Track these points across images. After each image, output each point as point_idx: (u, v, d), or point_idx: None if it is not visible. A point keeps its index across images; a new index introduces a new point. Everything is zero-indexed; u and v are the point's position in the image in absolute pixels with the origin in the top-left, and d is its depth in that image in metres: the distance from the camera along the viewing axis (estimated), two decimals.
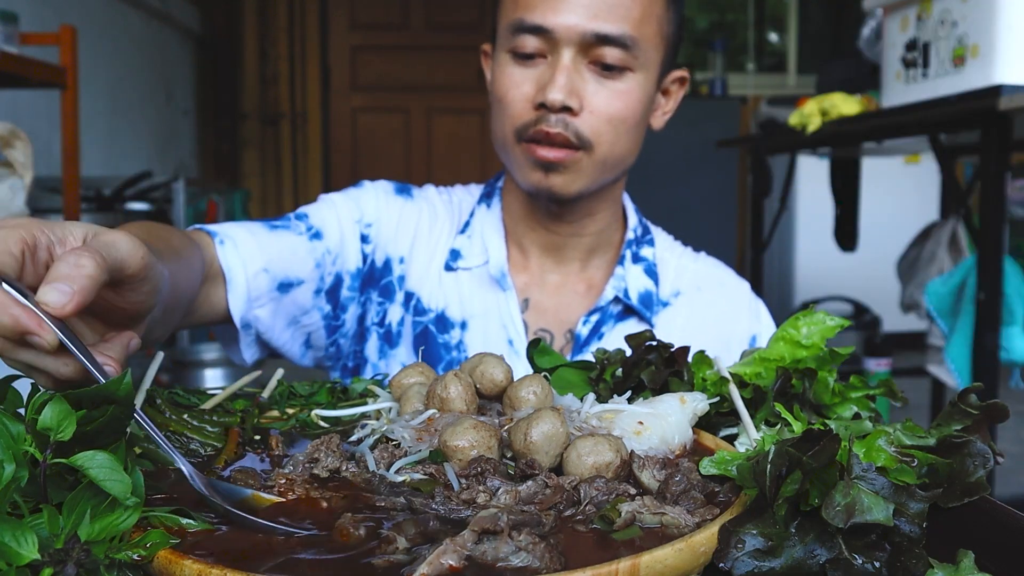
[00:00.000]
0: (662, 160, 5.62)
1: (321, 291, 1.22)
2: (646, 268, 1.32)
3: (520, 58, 1.17)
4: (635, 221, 1.36)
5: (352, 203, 1.28)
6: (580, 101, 1.15)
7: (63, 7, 3.66)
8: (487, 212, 1.32)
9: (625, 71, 1.17)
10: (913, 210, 5.07)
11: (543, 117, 1.15)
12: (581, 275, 1.31)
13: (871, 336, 4.11)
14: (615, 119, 1.17)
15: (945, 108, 2.14)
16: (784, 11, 6.75)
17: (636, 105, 1.18)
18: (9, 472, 0.51)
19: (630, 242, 1.33)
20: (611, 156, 1.19)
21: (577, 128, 1.15)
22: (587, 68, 1.16)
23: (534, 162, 1.17)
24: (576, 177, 1.18)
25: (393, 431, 0.71)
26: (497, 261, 1.27)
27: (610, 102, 1.16)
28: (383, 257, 1.29)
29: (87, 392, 0.55)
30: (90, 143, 3.66)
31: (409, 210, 1.32)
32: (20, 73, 2.30)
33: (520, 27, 1.15)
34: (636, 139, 1.23)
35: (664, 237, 1.40)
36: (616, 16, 1.14)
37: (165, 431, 0.74)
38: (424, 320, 1.27)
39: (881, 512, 0.51)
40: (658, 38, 1.20)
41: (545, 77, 1.15)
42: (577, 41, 1.14)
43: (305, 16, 6.09)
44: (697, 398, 0.76)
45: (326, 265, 1.22)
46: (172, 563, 0.51)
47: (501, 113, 1.20)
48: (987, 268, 2.17)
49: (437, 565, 0.49)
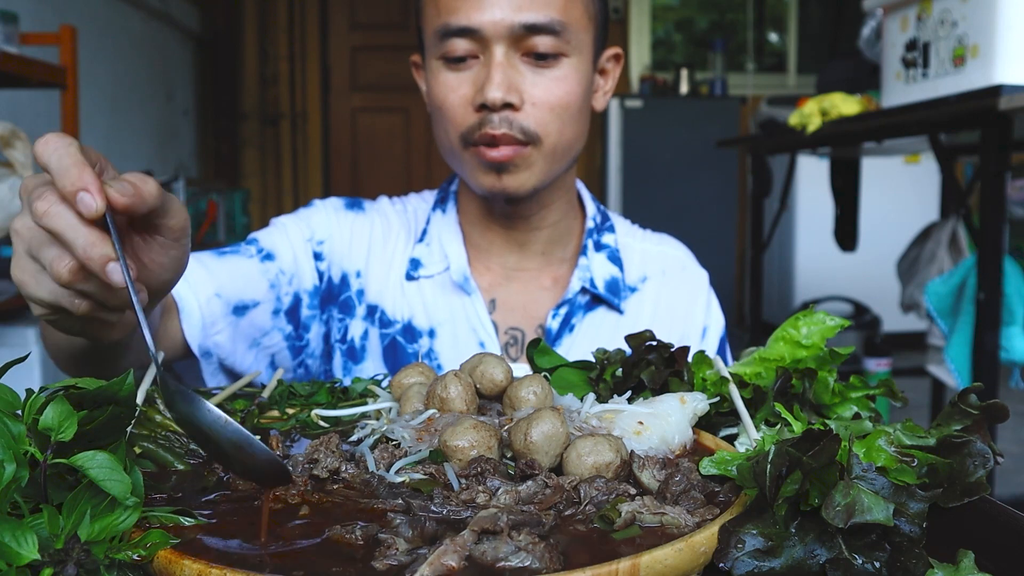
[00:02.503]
0: (662, 160, 5.62)
1: (280, 311, 1.21)
2: (609, 255, 1.31)
3: (452, 63, 1.16)
4: (593, 209, 1.35)
5: (302, 223, 1.27)
6: (520, 95, 1.14)
7: (63, 7, 3.66)
8: (443, 218, 1.31)
9: (559, 57, 1.15)
10: (913, 210, 5.08)
11: (486, 119, 1.13)
12: (545, 269, 1.31)
13: (871, 336, 4.11)
14: (558, 107, 1.16)
15: (945, 108, 2.14)
16: (784, 11, 6.75)
17: (576, 89, 1.17)
18: (9, 472, 0.51)
19: (591, 231, 1.32)
20: (560, 145, 1.18)
21: (522, 123, 1.14)
22: (521, 61, 1.15)
23: (485, 165, 1.16)
24: (529, 174, 1.17)
25: (393, 431, 0.71)
26: (458, 266, 1.26)
27: (550, 91, 1.15)
28: (339, 273, 1.28)
29: (88, 392, 0.55)
30: (90, 143, 3.66)
31: (361, 223, 1.30)
32: (20, 73, 2.30)
33: (447, 31, 1.14)
34: (582, 124, 1.22)
35: (623, 222, 1.39)
36: (541, 3, 1.13)
37: (165, 431, 0.74)
38: (391, 332, 1.26)
39: (881, 512, 0.51)
40: (586, 19, 1.19)
41: (481, 77, 1.14)
42: (506, 35, 1.12)
43: (305, 16, 6.09)
44: (697, 398, 0.76)
45: (281, 285, 1.21)
46: (172, 563, 0.51)
47: (443, 120, 1.18)
48: (987, 268, 2.17)
49: (438, 566, 0.49)
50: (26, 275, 0.70)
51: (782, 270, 5.90)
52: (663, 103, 5.75)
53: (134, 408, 0.58)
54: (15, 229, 0.70)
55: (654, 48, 6.62)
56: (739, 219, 5.93)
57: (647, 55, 6.49)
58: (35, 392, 0.55)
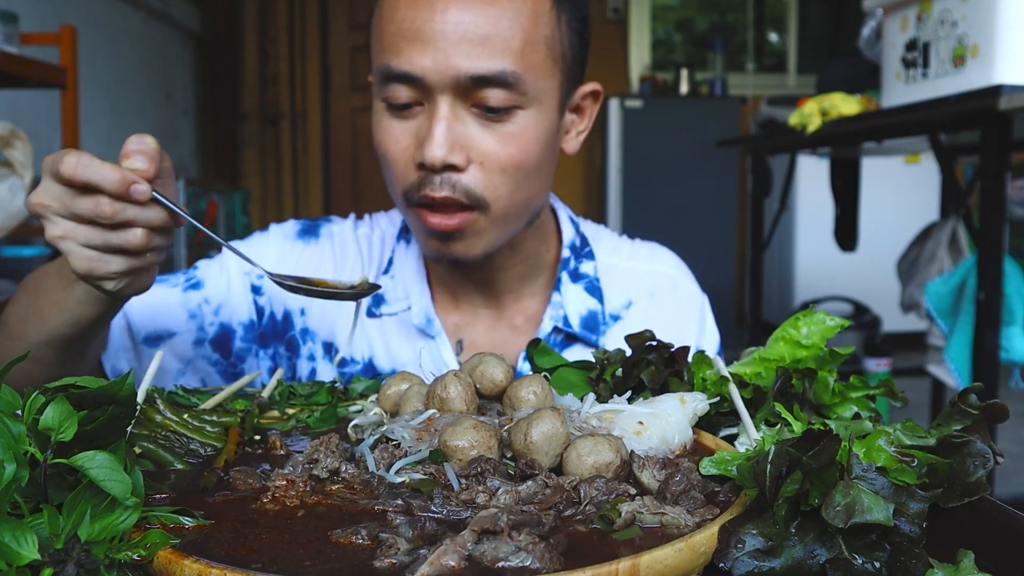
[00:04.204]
0: (662, 160, 5.62)
1: (204, 341, 1.16)
2: (587, 286, 1.20)
3: (395, 109, 1.03)
4: (571, 234, 1.23)
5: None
6: (466, 154, 1.01)
7: (63, 7, 3.66)
8: (406, 250, 1.21)
9: (514, 110, 1.02)
10: (913, 210, 5.07)
11: (427, 179, 1.01)
12: (516, 306, 1.20)
13: (871, 336, 4.11)
14: (509, 167, 1.02)
15: (945, 108, 2.14)
16: (784, 11, 6.75)
17: (533, 145, 1.03)
18: (9, 472, 0.51)
19: (565, 261, 1.21)
20: (512, 207, 1.06)
21: (466, 186, 1.01)
22: (469, 113, 1.01)
23: (427, 230, 1.05)
24: (477, 240, 1.06)
25: (393, 431, 0.71)
26: (420, 308, 1.17)
27: (500, 149, 1.02)
28: (281, 310, 1.20)
29: (88, 392, 0.55)
30: (90, 143, 3.66)
31: (309, 256, 1.21)
32: (20, 73, 2.30)
33: (388, 75, 1.01)
34: (542, 179, 1.09)
35: (608, 240, 1.28)
36: (493, 52, 0.98)
37: (165, 431, 0.74)
38: (350, 372, 1.18)
39: (881, 512, 0.51)
40: (549, 62, 1.04)
41: (424, 130, 1.01)
42: (452, 86, 0.99)
43: (305, 16, 6.09)
44: (697, 398, 0.76)
45: (205, 315, 1.16)
46: (172, 563, 0.51)
47: (387, 171, 1.07)
48: (987, 268, 2.17)
49: (438, 565, 0.49)
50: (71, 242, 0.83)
51: (782, 270, 5.90)
52: (663, 103, 5.75)
53: (134, 408, 0.58)
54: (40, 203, 0.82)
55: (654, 48, 6.62)
56: (739, 219, 5.93)
57: (647, 55, 6.49)
58: (35, 392, 0.55)
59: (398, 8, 1.01)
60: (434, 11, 0.98)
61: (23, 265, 2.45)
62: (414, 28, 0.99)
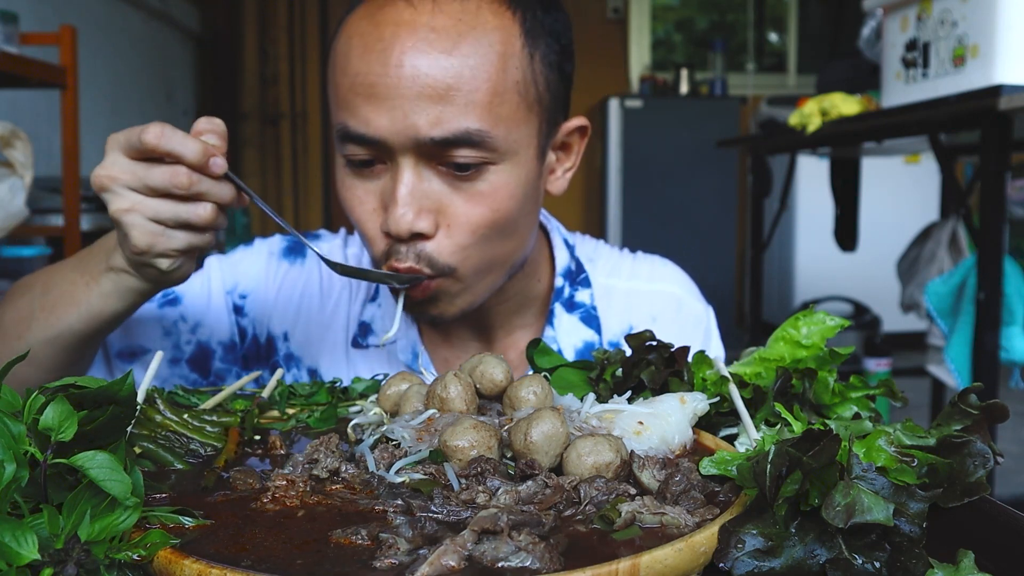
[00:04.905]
0: (662, 160, 5.62)
1: (180, 360, 1.11)
2: (583, 316, 1.14)
3: (357, 167, 0.96)
4: (565, 259, 1.15)
5: (229, 269, 1.15)
6: (433, 218, 0.93)
7: (63, 7, 3.66)
8: None
9: (484, 166, 0.93)
10: (913, 210, 5.08)
11: (393, 248, 0.95)
12: (507, 340, 1.14)
13: (871, 336, 4.11)
14: (481, 227, 0.94)
15: (945, 108, 2.14)
16: (784, 11, 6.75)
17: (507, 202, 0.95)
18: (9, 472, 0.51)
19: (559, 290, 1.14)
20: (484, 266, 0.98)
21: (430, 256, 0.94)
22: (436, 174, 0.93)
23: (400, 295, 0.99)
24: (450, 302, 0.99)
25: (393, 431, 0.71)
26: (407, 341, 1.11)
27: (471, 210, 0.94)
28: (264, 332, 1.15)
29: (88, 392, 0.55)
30: (90, 143, 3.66)
31: (293, 277, 1.15)
32: (20, 73, 2.30)
33: (345, 135, 0.94)
34: (521, 232, 1.01)
35: (607, 258, 1.20)
36: (456, 109, 0.90)
37: (165, 431, 0.74)
38: None
39: (881, 512, 0.51)
40: (522, 110, 0.94)
41: (387, 191, 0.94)
42: (412, 148, 0.91)
43: (305, 16, 6.09)
44: (697, 398, 0.76)
45: (181, 333, 1.11)
46: (172, 563, 0.51)
47: (357, 232, 1.01)
48: (987, 268, 2.17)
49: (438, 565, 0.49)
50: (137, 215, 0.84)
51: (782, 270, 5.90)
52: (663, 103, 5.75)
53: (134, 408, 0.58)
54: (108, 175, 0.84)
55: (654, 48, 6.62)
56: (739, 219, 5.93)
57: (647, 55, 6.49)
58: (35, 392, 0.55)
59: (350, 60, 0.93)
60: (388, 64, 0.90)
61: (23, 265, 2.45)
62: (367, 83, 0.91)
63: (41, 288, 0.97)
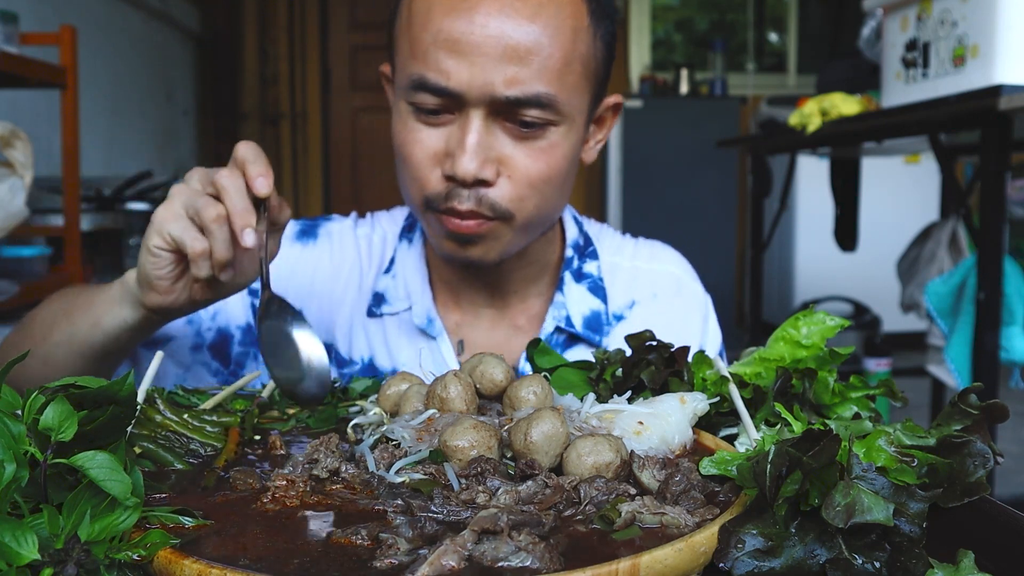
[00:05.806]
0: (662, 160, 5.62)
1: (202, 347, 1.14)
2: (591, 286, 1.19)
3: (424, 114, 1.01)
4: (574, 233, 1.22)
5: None
6: (495, 168, 1.00)
7: (63, 7, 3.66)
8: (408, 249, 1.20)
9: (547, 127, 1.01)
10: (913, 210, 5.07)
11: (454, 192, 1.00)
12: (519, 306, 1.19)
13: (871, 336, 4.11)
14: (538, 181, 1.02)
15: (945, 108, 2.14)
16: (784, 11, 6.75)
17: (562, 161, 1.03)
18: (9, 472, 0.51)
19: (569, 260, 1.20)
20: (535, 219, 1.06)
21: (493, 201, 1.01)
22: (502, 128, 1.00)
23: (447, 233, 1.04)
24: (495, 245, 1.05)
25: (393, 431, 0.71)
26: (421, 308, 1.15)
27: (531, 164, 1.01)
28: None
29: (88, 392, 0.55)
30: (90, 143, 3.66)
31: (307, 258, 1.19)
32: (20, 73, 2.30)
33: (420, 85, 0.99)
34: (564, 192, 1.09)
35: (611, 239, 1.27)
36: (532, 72, 0.97)
37: (165, 431, 0.74)
38: (349, 372, 1.16)
39: (881, 512, 0.51)
40: (584, 80, 1.03)
41: (453, 140, 0.99)
42: (487, 103, 0.97)
43: (305, 16, 6.09)
44: (697, 398, 0.76)
45: (202, 321, 1.14)
46: (172, 563, 0.51)
47: (406, 174, 1.05)
48: (987, 268, 2.17)
49: (438, 566, 0.49)
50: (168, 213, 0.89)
51: (782, 270, 5.90)
52: (663, 103, 5.75)
53: (134, 408, 0.58)
54: (179, 190, 0.90)
55: (654, 48, 6.62)
56: (739, 219, 5.93)
57: (647, 55, 6.49)
58: (35, 392, 0.55)
59: (432, 16, 0.98)
60: (474, 23, 0.95)
61: (23, 265, 2.44)
62: (452, 39, 0.96)
63: (72, 295, 1.02)
